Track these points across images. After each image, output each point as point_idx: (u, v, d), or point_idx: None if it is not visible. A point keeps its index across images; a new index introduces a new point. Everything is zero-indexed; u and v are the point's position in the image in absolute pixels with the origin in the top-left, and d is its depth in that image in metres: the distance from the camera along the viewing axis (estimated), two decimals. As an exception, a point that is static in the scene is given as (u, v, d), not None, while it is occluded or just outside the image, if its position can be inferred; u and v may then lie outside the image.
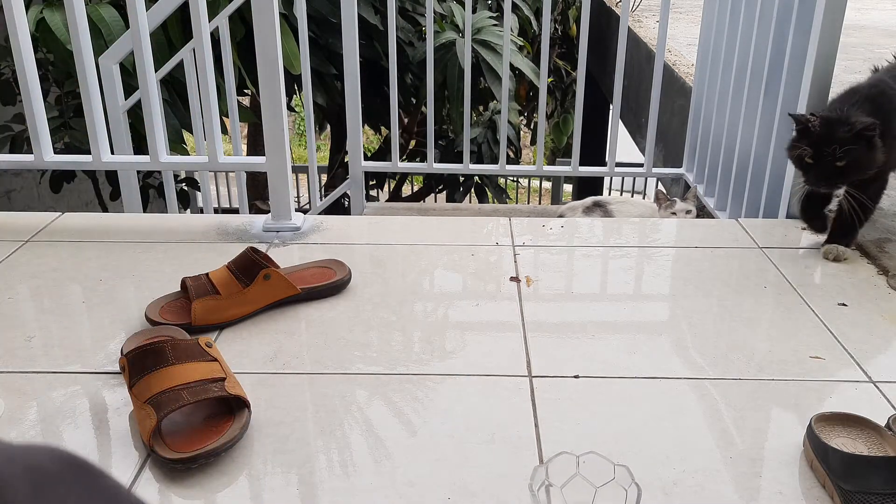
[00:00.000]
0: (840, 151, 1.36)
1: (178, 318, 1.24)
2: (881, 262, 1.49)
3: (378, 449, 0.97)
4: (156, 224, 1.70)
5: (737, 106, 2.07)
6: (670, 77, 2.93)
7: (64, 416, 1.03)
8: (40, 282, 1.41)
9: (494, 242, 1.62)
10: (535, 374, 1.13)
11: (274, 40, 1.54)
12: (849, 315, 1.31)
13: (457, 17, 3.55)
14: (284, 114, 1.62)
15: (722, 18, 2.18)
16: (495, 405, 1.06)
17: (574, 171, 2.50)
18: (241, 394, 1.01)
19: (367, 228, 1.72)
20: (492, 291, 1.40)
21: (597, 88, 4.85)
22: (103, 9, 2.59)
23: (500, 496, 0.89)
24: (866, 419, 0.96)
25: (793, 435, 0.99)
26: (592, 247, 1.61)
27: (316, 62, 3.08)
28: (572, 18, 5.19)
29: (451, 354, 1.19)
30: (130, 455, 0.96)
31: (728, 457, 0.96)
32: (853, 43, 3.91)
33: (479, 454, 0.96)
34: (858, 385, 1.11)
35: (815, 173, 1.42)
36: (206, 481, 0.91)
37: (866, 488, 0.84)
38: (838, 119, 1.38)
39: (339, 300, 1.36)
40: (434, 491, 0.90)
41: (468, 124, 2.48)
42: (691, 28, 3.87)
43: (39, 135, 1.65)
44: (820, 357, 1.18)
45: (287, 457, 0.96)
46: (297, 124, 9.35)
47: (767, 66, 1.86)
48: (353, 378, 1.12)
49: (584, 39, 2.27)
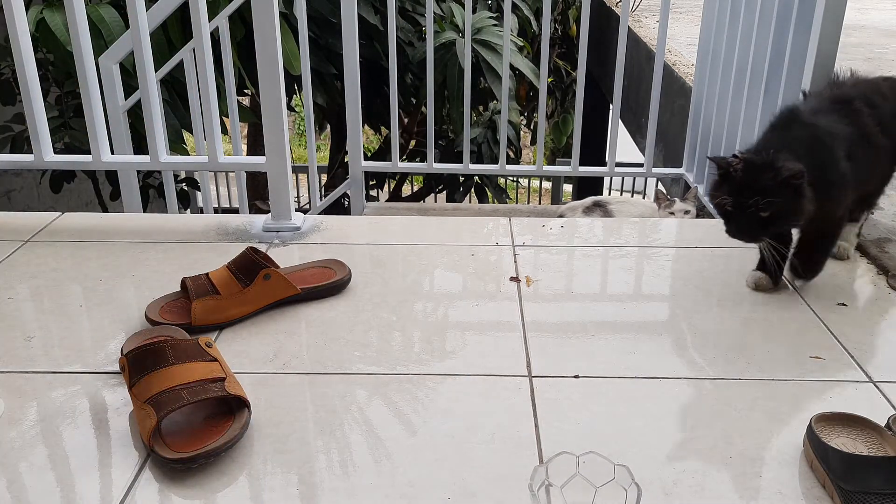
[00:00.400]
0: (763, 202, 1.19)
1: (178, 318, 1.24)
2: (881, 262, 1.49)
3: (378, 449, 0.97)
4: (156, 224, 1.70)
5: (737, 106, 2.07)
6: (670, 77, 2.93)
7: (64, 416, 1.03)
8: (40, 282, 1.41)
9: (494, 242, 1.62)
10: (535, 374, 1.13)
11: (274, 40, 1.54)
12: (849, 315, 1.31)
13: (457, 17, 3.55)
14: (284, 114, 1.62)
15: (722, 18, 2.18)
16: (495, 405, 1.06)
17: (574, 171, 2.50)
18: (241, 394, 1.01)
19: (367, 228, 1.72)
20: (492, 291, 1.40)
21: (597, 88, 4.85)
22: (103, 9, 2.59)
23: (500, 496, 0.89)
24: (866, 419, 0.96)
25: (793, 435, 0.99)
26: (592, 247, 1.61)
27: (316, 62, 3.08)
28: (572, 18, 5.19)
29: (451, 354, 1.19)
30: (130, 455, 0.96)
31: (728, 457, 0.96)
32: (853, 42, 3.92)
33: (479, 454, 0.96)
34: (858, 385, 1.11)
35: (735, 224, 1.25)
36: (206, 481, 0.91)
37: (866, 488, 0.84)
38: (763, 164, 1.20)
39: (339, 300, 1.36)
40: (434, 491, 0.90)
41: (468, 124, 2.48)
42: (691, 28, 3.87)
43: (39, 135, 1.65)
44: (820, 357, 1.18)
45: (287, 457, 0.96)
46: (297, 124, 9.35)
47: (767, 66, 1.86)
48: (353, 378, 1.12)
49: (584, 39, 2.27)
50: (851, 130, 1.30)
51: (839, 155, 1.26)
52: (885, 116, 1.37)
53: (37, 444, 0.98)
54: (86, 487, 0.90)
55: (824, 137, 1.27)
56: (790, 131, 1.29)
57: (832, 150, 1.26)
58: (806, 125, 1.29)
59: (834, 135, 1.28)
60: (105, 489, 0.90)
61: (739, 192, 1.21)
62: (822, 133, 1.27)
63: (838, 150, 1.27)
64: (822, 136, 1.27)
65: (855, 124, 1.31)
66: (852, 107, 1.33)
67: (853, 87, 1.40)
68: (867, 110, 1.34)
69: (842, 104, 1.34)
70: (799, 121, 1.31)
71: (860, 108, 1.33)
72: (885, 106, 1.38)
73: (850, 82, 1.43)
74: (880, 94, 1.39)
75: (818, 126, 1.28)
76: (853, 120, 1.31)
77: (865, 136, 1.32)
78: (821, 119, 1.30)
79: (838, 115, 1.31)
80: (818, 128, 1.28)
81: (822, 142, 1.26)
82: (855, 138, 1.29)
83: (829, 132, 1.28)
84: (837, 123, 1.29)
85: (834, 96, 1.37)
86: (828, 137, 1.27)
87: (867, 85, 1.42)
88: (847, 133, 1.29)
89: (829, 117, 1.30)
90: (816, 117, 1.30)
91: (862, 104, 1.34)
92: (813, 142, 1.26)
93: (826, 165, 1.25)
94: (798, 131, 1.28)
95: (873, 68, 3.36)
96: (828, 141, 1.27)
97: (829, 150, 1.26)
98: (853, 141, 1.29)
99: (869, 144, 1.32)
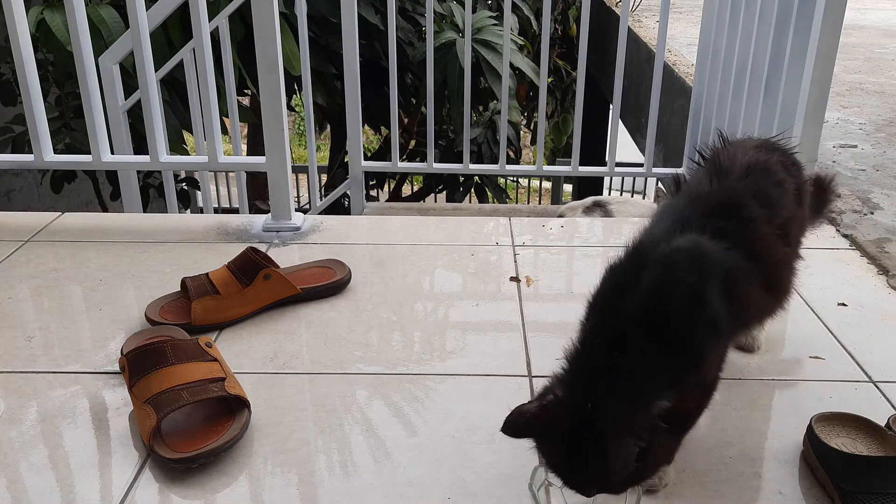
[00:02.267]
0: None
1: (178, 318, 1.24)
2: (881, 262, 1.49)
3: (378, 449, 0.97)
4: (156, 224, 1.70)
5: (737, 106, 2.07)
6: (670, 77, 2.93)
7: (64, 416, 1.03)
8: (40, 282, 1.41)
9: (494, 242, 1.62)
10: (535, 375, 1.13)
11: (274, 40, 1.54)
12: (849, 315, 1.31)
13: (457, 16, 3.55)
14: (284, 113, 1.62)
15: (722, 18, 2.18)
16: (495, 405, 1.06)
17: (574, 171, 2.49)
18: (241, 394, 1.01)
19: (367, 228, 1.72)
20: (492, 291, 1.40)
21: (597, 88, 4.85)
22: (103, 9, 2.59)
23: (499, 496, 0.89)
24: (866, 419, 0.96)
25: (793, 435, 0.99)
26: (592, 246, 1.61)
27: (316, 62, 3.08)
28: (572, 18, 5.19)
29: (451, 354, 1.19)
30: (130, 455, 0.96)
31: (728, 456, 0.96)
32: (853, 43, 3.92)
33: (479, 454, 0.96)
34: (858, 385, 1.11)
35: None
36: (206, 481, 0.91)
37: (866, 488, 0.84)
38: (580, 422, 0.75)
39: (339, 300, 1.36)
40: (434, 491, 0.90)
41: (468, 124, 2.48)
42: (691, 28, 3.87)
43: (39, 135, 1.65)
44: (820, 357, 1.18)
45: (287, 457, 0.96)
46: (297, 124, 9.35)
47: (767, 66, 1.86)
48: (353, 378, 1.12)
49: (584, 39, 2.26)
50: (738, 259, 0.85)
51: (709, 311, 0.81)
52: (787, 211, 0.95)
53: (37, 444, 0.98)
54: (86, 487, 0.90)
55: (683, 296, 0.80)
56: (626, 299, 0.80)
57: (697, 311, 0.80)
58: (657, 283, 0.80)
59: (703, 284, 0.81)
60: (105, 489, 0.90)
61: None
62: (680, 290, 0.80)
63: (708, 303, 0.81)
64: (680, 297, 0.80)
65: (745, 244, 0.87)
66: (743, 215, 0.90)
67: (740, 181, 0.93)
68: (763, 213, 0.91)
69: (728, 212, 0.89)
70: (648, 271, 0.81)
71: (754, 214, 0.90)
72: (784, 200, 0.95)
73: (736, 172, 0.93)
74: (776, 182, 0.95)
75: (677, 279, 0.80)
76: (744, 238, 0.87)
77: (758, 255, 0.89)
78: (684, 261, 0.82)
79: (722, 237, 0.85)
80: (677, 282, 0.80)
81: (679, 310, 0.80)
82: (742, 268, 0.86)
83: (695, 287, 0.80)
84: (717, 256, 0.83)
85: (716, 202, 0.90)
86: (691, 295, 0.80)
87: (760, 172, 0.94)
88: (732, 266, 0.85)
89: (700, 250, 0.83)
90: (679, 260, 0.82)
91: (756, 206, 0.91)
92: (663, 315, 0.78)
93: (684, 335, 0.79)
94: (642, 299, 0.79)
95: (873, 67, 3.36)
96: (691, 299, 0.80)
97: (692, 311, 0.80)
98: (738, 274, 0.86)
99: (762, 269, 0.89)
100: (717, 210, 0.89)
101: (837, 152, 2.20)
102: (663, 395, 0.77)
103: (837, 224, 1.68)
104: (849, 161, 2.12)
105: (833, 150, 2.22)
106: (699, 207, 0.90)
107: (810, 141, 1.69)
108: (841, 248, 1.58)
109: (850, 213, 1.73)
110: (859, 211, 1.74)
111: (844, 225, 1.67)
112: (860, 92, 2.94)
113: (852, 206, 1.77)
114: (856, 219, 1.70)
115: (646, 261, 0.83)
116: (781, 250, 0.95)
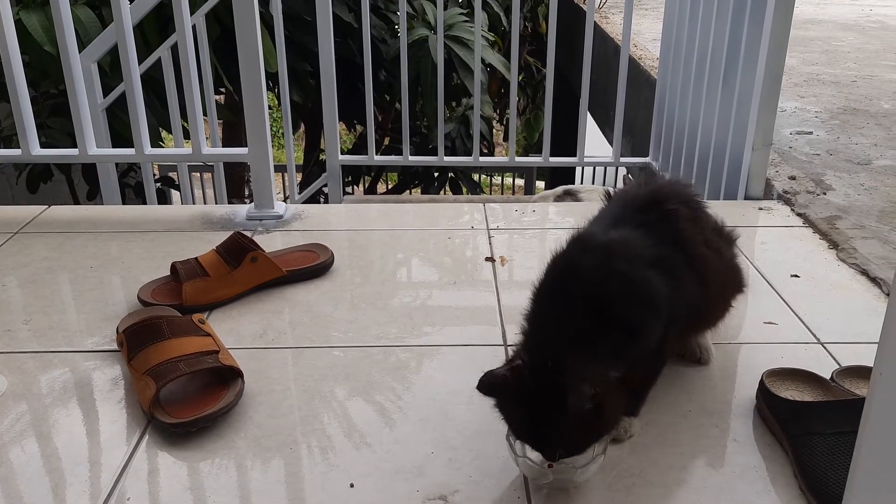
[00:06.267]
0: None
1: (170, 300, 1.30)
2: (832, 238, 1.59)
3: (365, 412, 1.04)
4: (141, 215, 1.75)
5: (698, 96, 2.16)
6: (636, 71, 3.03)
7: (66, 391, 1.08)
8: (32, 270, 1.46)
9: (470, 227, 1.69)
10: (510, 344, 1.21)
11: (254, 33, 1.59)
12: (800, 285, 1.40)
13: (428, 14, 3.62)
14: (265, 104, 1.67)
15: (683, 13, 2.27)
16: (473, 371, 1.11)
17: (545, 162, 2.58)
18: (234, 364, 1.07)
19: (346, 216, 1.78)
20: (469, 271, 1.48)
21: (567, 84, 4.95)
22: (79, 9, 2.62)
23: (478, 449, 0.97)
24: (812, 373, 1.05)
25: (747, 391, 1.08)
26: (563, 229, 1.69)
27: (290, 59, 3.13)
28: (541, 16, 5.29)
29: (431, 328, 1.26)
30: (132, 423, 1.02)
31: (688, 410, 1.04)
32: (811, 36, 4.06)
33: (459, 413, 1.04)
34: (808, 346, 1.20)
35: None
36: (206, 443, 0.98)
37: (810, 430, 0.93)
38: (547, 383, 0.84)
39: (323, 281, 1.42)
40: (419, 446, 0.97)
41: (442, 118, 2.55)
42: (656, 24, 3.97)
43: (26, 128, 1.69)
44: (773, 322, 1.27)
45: (280, 421, 1.02)
46: (272, 125, 9.34)
47: (725, 58, 1.96)
48: (338, 351, 1.19)
49: (553, 36, 2.35)
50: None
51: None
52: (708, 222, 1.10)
53: (43, 416, 1.03)
54: (91, 452, 0.96)
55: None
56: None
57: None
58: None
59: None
60: (108, 453, 0.96)
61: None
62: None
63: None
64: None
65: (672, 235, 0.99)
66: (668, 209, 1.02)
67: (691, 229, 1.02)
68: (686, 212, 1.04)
69: (653, 207, 1.02)
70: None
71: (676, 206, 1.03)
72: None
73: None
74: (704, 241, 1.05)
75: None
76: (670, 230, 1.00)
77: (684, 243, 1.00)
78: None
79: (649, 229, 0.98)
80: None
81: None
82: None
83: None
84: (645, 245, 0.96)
85: (644, 201, 1.04)
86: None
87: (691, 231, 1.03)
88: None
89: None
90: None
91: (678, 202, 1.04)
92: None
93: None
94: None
95: (829, 59, 3.49)
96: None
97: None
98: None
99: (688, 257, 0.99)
100: (645, 206, 1.03)
101: (794, 139, 2.31)
102: (612, 363, 0.87)
103: (792, 204, 1.78)
104: (804, 147, 2.23)
105: (790, 136, 2.33)
106: (630, 207, 1.04)
107: (765, 125, 1.79)
108: (795, 226, 1.68)
109: (804, 193, 1.83)
110: (812, 192, 1.84)
111: (799, 205, 1.77)
112: (817, 82, 3.06)
113: (806, 188, 1.87)
114: (809, 199, 1.80)
115: (586, 246, 0.98)
116: (708, 251, 1.04)
